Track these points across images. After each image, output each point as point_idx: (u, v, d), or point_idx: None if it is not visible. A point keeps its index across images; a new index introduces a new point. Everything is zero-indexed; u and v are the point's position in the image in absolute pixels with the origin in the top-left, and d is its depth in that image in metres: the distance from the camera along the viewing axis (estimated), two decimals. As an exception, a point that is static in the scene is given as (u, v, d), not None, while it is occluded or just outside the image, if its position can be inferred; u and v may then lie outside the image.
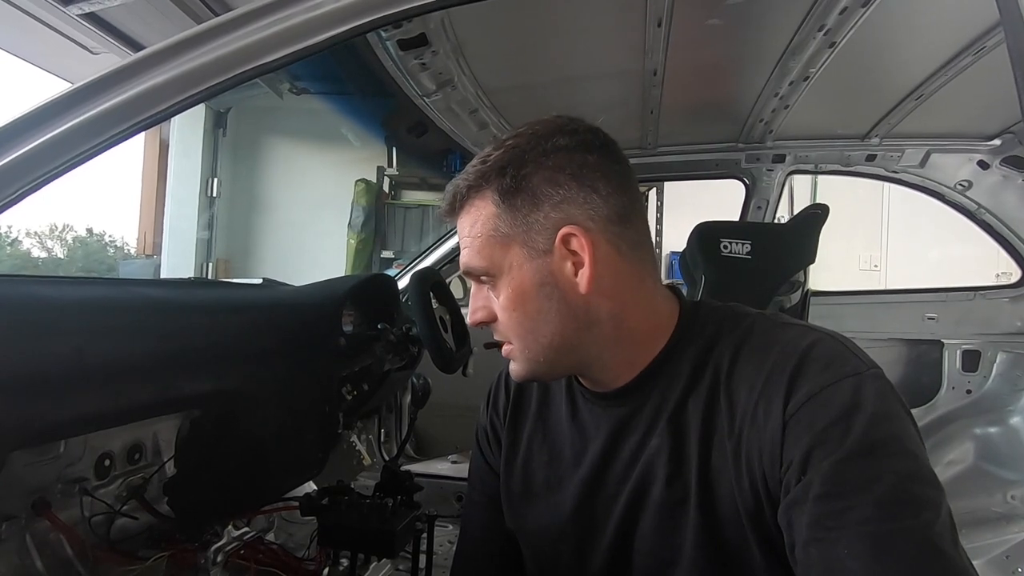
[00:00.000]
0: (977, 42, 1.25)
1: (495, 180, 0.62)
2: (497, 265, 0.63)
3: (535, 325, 0.63)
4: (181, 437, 0.93)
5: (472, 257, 0.64)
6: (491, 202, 0.62)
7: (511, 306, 0.63)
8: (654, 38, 1.26)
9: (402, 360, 1.33)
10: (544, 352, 0.64)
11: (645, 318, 0.65)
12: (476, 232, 0.63)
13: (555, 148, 0.62)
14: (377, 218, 3.76)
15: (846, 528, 0.50)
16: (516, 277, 0.62)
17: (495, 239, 0.62)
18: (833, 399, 0.54)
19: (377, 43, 1.14)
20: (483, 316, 0.66)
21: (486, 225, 0.62)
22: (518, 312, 0.63)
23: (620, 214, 0.62)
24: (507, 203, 0.62)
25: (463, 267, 0.65)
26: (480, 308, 0.66)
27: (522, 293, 0.62)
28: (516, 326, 0.64)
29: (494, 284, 0.64)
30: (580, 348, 0.64)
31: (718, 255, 1.62)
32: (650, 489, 0.63)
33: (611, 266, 0.62)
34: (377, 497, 1.14)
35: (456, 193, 0.64)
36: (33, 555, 0.78)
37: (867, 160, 1.92)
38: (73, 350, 0.69)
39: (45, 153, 0.68)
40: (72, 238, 3.99)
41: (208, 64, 0.72)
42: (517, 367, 0.66)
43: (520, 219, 0.62)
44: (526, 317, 0.63)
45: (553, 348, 0.64)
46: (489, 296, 0.65)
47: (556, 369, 0.67)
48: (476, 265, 0.64)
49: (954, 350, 1.91)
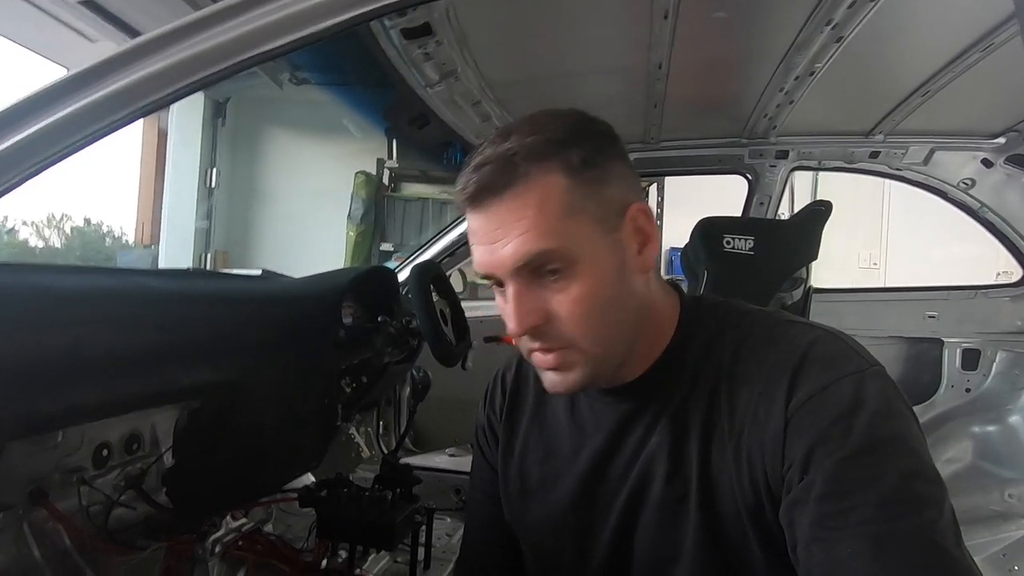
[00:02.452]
0: (986, 38, 1.24)
1: (563, 152, 0.55)
2: (574, 246, 0.55)
3: (612, 314, 0.57)
4: (179, 428, 0.93)
5: (544, 239, 0.54)
6: (560, 175, 0.55)
7: (588, 294, 0.56)
8: (660, 31, 1.25)
9: (402, 353, 1.32)
10: (613, 345, 0.59)
11: (664, 308, 0.65)
12: (548, 209, 0.54)
13: (602, 129, 0.60)
14: (377, 210, 3.75)
15: (848, 527, 0.49)
16: (595, 261, 0.56)
17: (569, 217, 0.55)
18: (835, 397, 0.54)
19: (380, 32, 1.12)
20: (537, 319, 0.56)
21: (560, 201, 0.54)
22: (595, 301, 0.56)
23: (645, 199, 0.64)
24: (579, 177, 0.55)
25: (525, 255, 0.54)
26: (532, 312, 0.55)
27: (603, 276, 0.56)
28: (590, 318, 0.56)
29: (566, 272, 0.55)
30: (630, 339, 0.61)
31: (721, 250, 1.61)
32: (650, 486, 0.63)
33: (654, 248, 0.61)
34: (376, 490, 1.14)
35: (510, 164, 0.54)
36: (31, 545, 0.77)
37: (871, 157, 1.91)
38: (71, 340, 0.68)
39: (42, 140, 0.67)
40: (70, 228, 3.97)
41: (207, 51, 0.71)
42: (575, 376, 0.58)
43: (592, 194, 0.56)
44: (604, 306, 0.57)
45: (624, 339, 0.59)
46: (543, 295, 0.56)
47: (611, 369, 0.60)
48: (551, 247, 0.54)
49: (954, 348, 1.91)
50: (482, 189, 0.55)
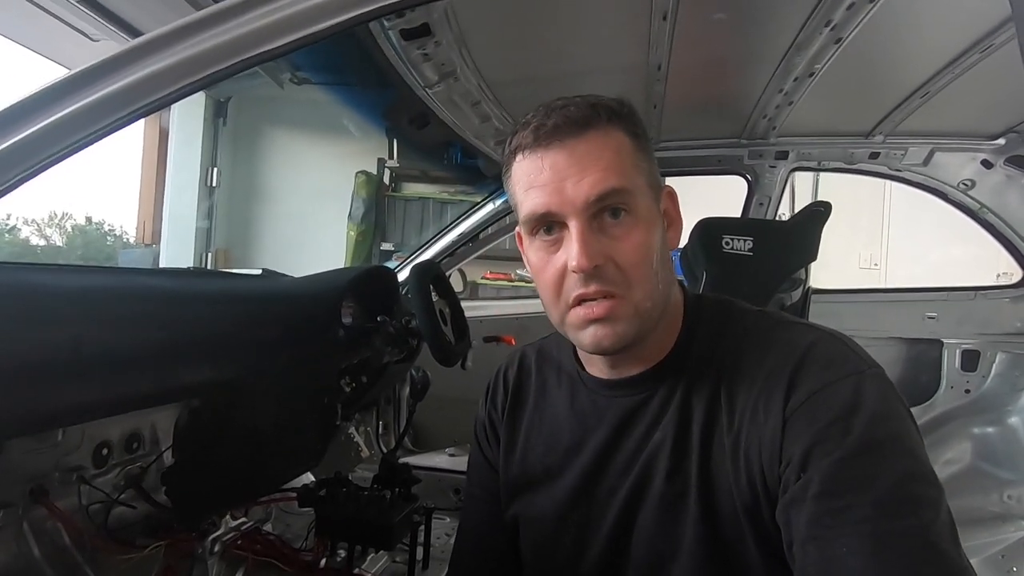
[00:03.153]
0: (984, 40, 1.24)
1: (629, 122, 0.62)
2: (639, 195, 0.60)
3: (657, 270, 0.60)
4: (179, 427, 0.93)
5: (621, 178, 0.58)
6: (629, 137, 0.61)
7: (644, 247, 0.59)
8: (659, 32, 1.25)
9: (401, 353, 1.32)
10: (657, 303, 0.61)
11: (675, 298, 0.66)
12: (621, 159, 0.59)
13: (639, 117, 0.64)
14: (377, 210, 3.75)
15: (845, 526, 0.50)
16: (647, 219, 0.61)
17: (636, 170, 0.60)
18: (834, 398, 0.54)
19: (379, 32, 1.12)
20: (603, 259, 0.58)
21: (630, 155, 0.60)
22: (648, 254, 0.60)
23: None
24: (640, 145, 0.62)
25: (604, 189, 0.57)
26: (599, 252, 0.58)
27: (651, 233, 0.60)
28: (644, 266, 0.59)
29: (629, 217, 0.59)
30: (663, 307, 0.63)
31: (720, 251, 1.61)
32: (651, 482, 0.63)
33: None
34: (375, 489, 1.15)
35: (593, 110, 0.59)
36: (30, 543, 0.78)
37: (870, 158, 1.91)
38: (71, 338, 0.69)
39: (43, 139, 0.67)
40: (71, 226, 3.97)
41: (208, 51, 0.71)
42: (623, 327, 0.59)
43: (647, 161, 0.62)
44: (652, 260, 0.60)
45: (662, 299, 0.62)
46: (603, 239, 0.58)
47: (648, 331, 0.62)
48: (627, 186, 0.58)
49: (954, 349, 1.91)
50: (568, 123, 0.59)
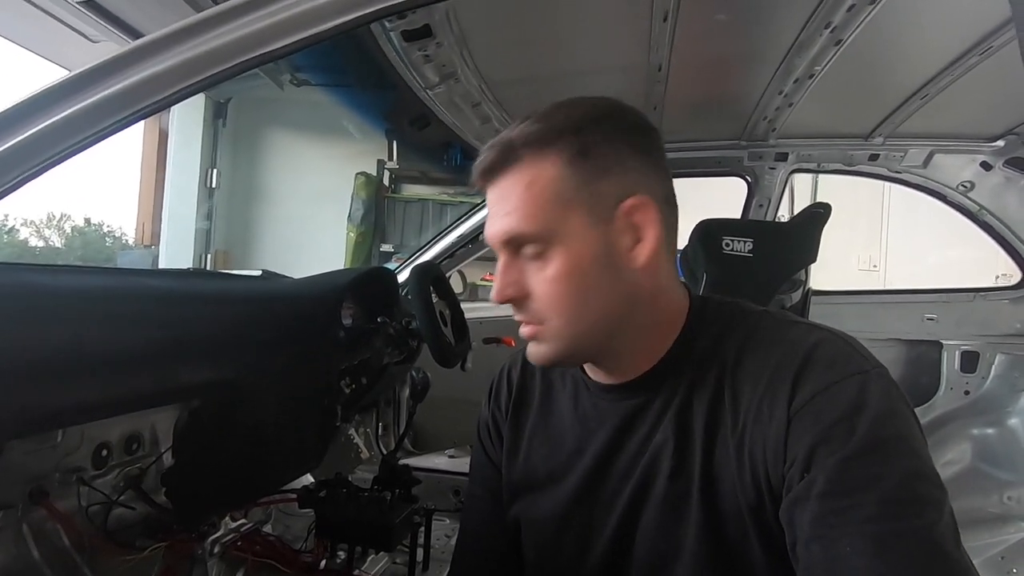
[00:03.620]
0: (984, 41, 1.24)
1: (561, 142, 0.58)
2: (552, 231, 0.58)
3: (585, 299, 0.59)
4: (179, 428, 0.93)
5: (523, 221, 0.58)
6: (554, 163, 0.58)
7: (562, 278, 0.59)
8: (659, 33, 1.25)
9: (401, 354, 1.32)
10: (586, 330, 0.61)
11: (670, 305, 0.65)
12: (534, 193, 0.58)
13: (623, 120, 0.62)
14: (377, 212, 3.75)
15: (849, 526, 0.50)
16: (574, 246, 0.58)
17: (556, 203, 0.58)
18: (838, 397, 0.54)
19: (381, 34, 1.13)
20: (514, 292, 0.60)
21: (547, 188, 0.58)
22: (568, 284, 0.59)
23: (668, 196, 0.63)
24: (574, 167, 0.58)
25: (505, 233, 0.59)
26: (511, 283, 0.60)
27: (578, 263, 0.58)
28: (562, 300, 0.59)
29: (542, 253, 0.59)
30: (618, 329, 0.62)
31: (720, 253, 1.61)
32: (654, 483, 0.63)
33: (660, 245, 0.61)
34: (375, 490, 1.14)
35: (508, 148, 0.59)
36: (30, 544, 0.77)
37: (870, 160, 1.91)
38: (72, 338, 0.69)
39: (43, 140, 0.67)
40: (70, 227, 3.97)
41: (208, 53, 0.71)
42: (545, 348, 0.62)
43: (586, 184, 0.58)
44: (576, 291, 0.59)
45: (598, 327, 0.61)
46: (525, 271, 0.60)
47: (586, 351, 0.64)
48: (528, 230, 0.58)
49: (953, 351, 1.91)
50: (484, 169, 0.61)
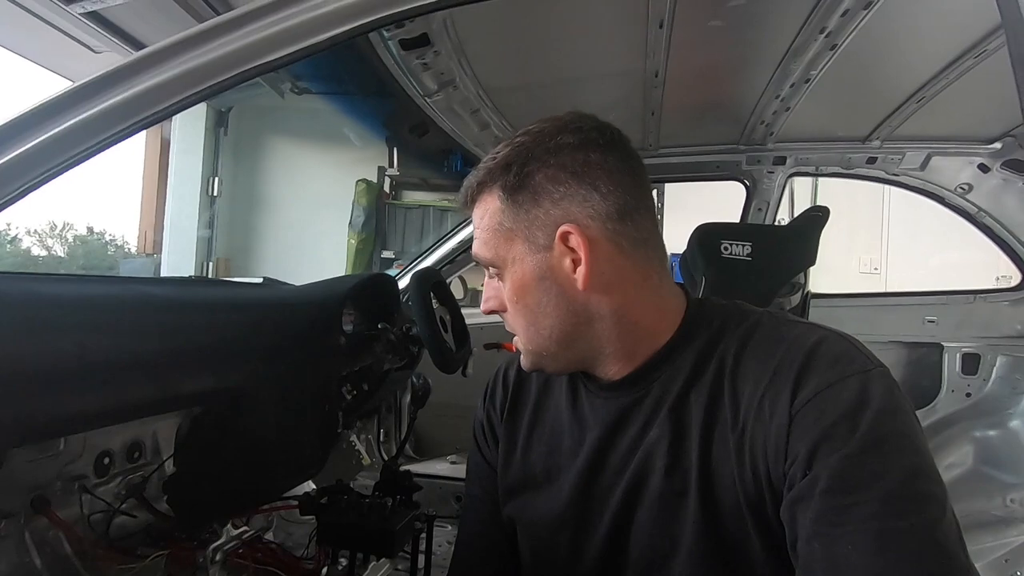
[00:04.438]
0: (978, 45, 1.25)
1: (500, 177, 0.64)
2: (501, 257, 0.65)
3: (536, 318, 0.65)
4: (181, 435, 0.93)
5: (480, 248, 0.67)
6: (497, 197, 0.65)
7: (514, 298, 0.66)
8: (655, 39, 1.26)
9: (402, 360, 1.32)
10: (545, 344, 0.66)
11: (649, 314, 0.65)
12: (484, 225, 0.66)
13: (559, 146, 0.63)
14: (378, 218, 3.77)
15: (851, 523, 0.50)
16: (518, 270, 0.64)
17: (500, 233, 0.65)
18: (840, 395, 0.54)
19: (379, 43, 1.14)
20: (494, 305, 0.68)
21: (492, 219, 0.65)
22: (520, 304, 0.65)
23: (621, 211, 0.62)
24: (511, 199, 0.64)
25: (473, 256, 0.69)
26: (492, 297, 0.68)
27: (523, 286, 0.65)
28: (519, 317, 0.66)
29: (500, 275, 0.67)
30: (581, 341, 0.65)
31: (718, 256, 1.62)
32: (648, 480, 0.63)
33: (611, 263, 0.62)
34: (376, 497, 1.14)
35: (468, 188, 0.68)
36: (32, 553, 0.78)
37: (868, 163, 1.92)
38: (74, 347, 0.69)
39: (46, 151, 0.68)
40: (73, 236, 3.99)
41: (209, 63, 0.72)
42: (523, 357, 0.69)
43: (522, 215, 0.63)
44: (527, 309, 0.65)
45: (553, 341, 0.65)
46: (499, 287, 0.67)
47: (559, 362, 0.68)
48: (483, 256, 0.67)
49: (954, 353, 1.91)
50: (461, 201, 0.69)
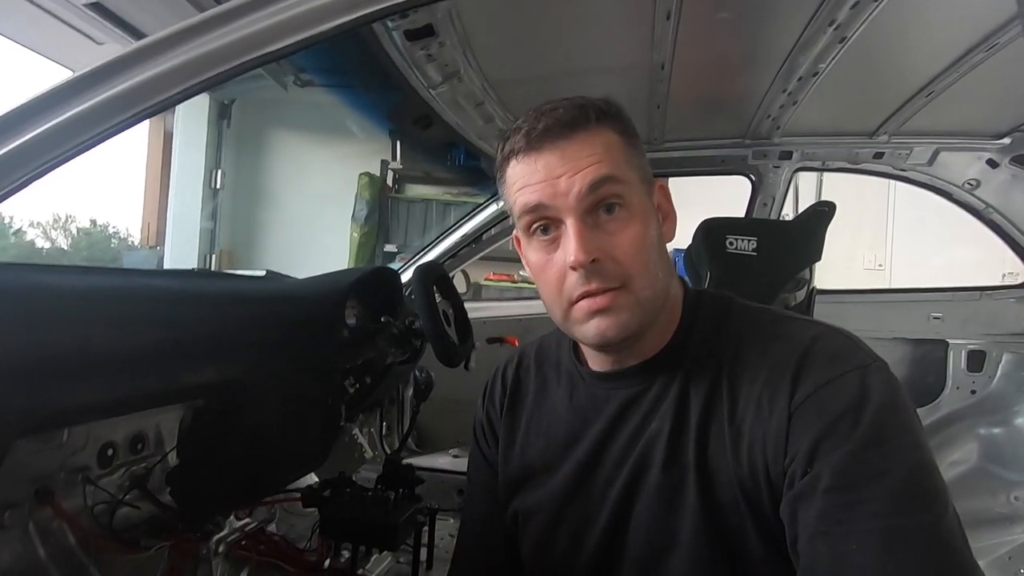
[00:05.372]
0: (990, 38, 1.23)
1: (617, 120, 0.63)
2: (633, 187, 0.62)
3: (656, 261, 0.62)
4: (184, 427, 0.93)
5: (616, 168, 0.60)
6: (618, 134, 0.63)
7: (641, 238, 0.60)
8: (662, 32, 1.25)
9: (404, 353, 1.32)
10: (658, 293, 0.62)
11: (674, 293, 0.67)
12: (613, 154, 0.61)
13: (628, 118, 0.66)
14: (380, 211, 3.76)
15: (857, 522, 0.49)
16: (642, 211, 0.62)
17: (628, 164, 0.62)
18: (840, 391, 0.54)
19: (383, 33, 1.13)
20: (601, 254, 0.59)
21: (621, 151, 0.62)
22: (646, 245, 0.61)
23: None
24: (630, 141, 0.64)
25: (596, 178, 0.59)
26: (596, 247, 0.59)
27: (647, 226, 0.62)
28: (643, 259, 0.60)
29: (624, 210, 0.60)
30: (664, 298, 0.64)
31: (723, 252, 1.60)
32: (647, 473, 0.63)
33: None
34: (379, 490, 1.15)
35: (583, 109, 0.61)
36: (36, 543, 0.78)
37: (875, 158, 1.90)
38: (78, 339, 0.69)
39: (49, 141, 0.68)
40: (76, 228, 3.99)
41: (210, 53, 0.71)
42: (626, 316, 0.60)
43: (638, 156, 0.64)
44: (650, 251, 0.61)
45: (662, 291, 0.63)
46: (600, 235, 0.59)
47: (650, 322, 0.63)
48: (619, 175, 0.60)
49: (959, 350, 1.90)
50: (558, 125, 0.60)
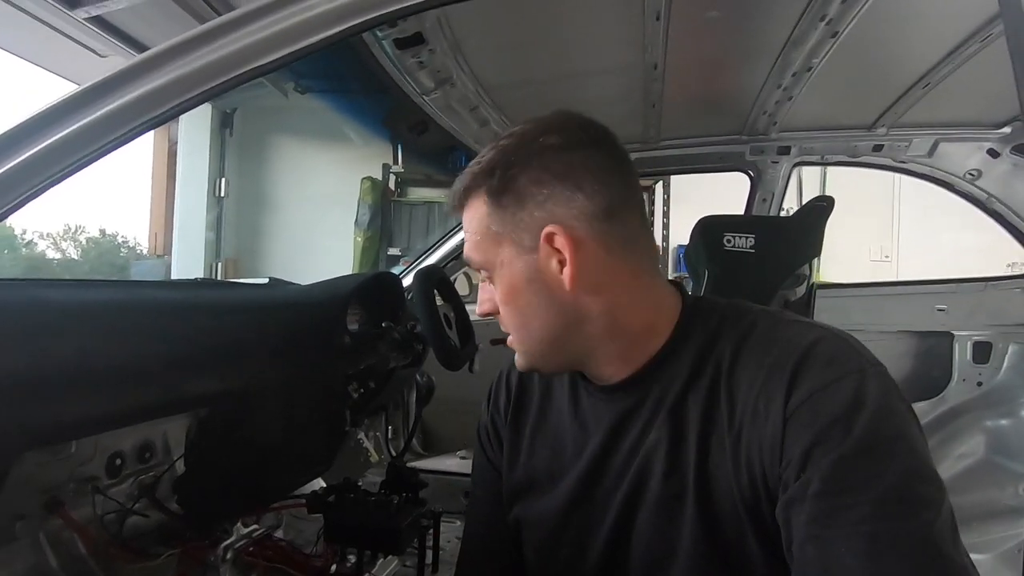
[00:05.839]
0: (983, 29, 1.23)
1: (485, 181, 0.64)
2: (490, 261, 0.66)
3: (526, 319, 0.66)
4: (189, 437, 0.94)
5: (470, 251, 0.68)
6: (483, 202, 0.65)
7: (505, 300, 0.66)
8: (653, 32, 1.25)
9: (407, 358, 1.33)
10: (537, 345, 0.67)
11: (640, 313, 0.65)
12: (472, 229, 0.66)
13: (542, 147, 0.62)
14: (383, 216, 3.78)
15: (844, 526, 0.50)
16: (507, 273, 0.65)
17: (488, 236, 0.65)
18: (835, 396, 0.54)
19: (374, 43, 1.14)
20: (488, 308, 0.69)
21: (481, 223, 0.65)
22: (511, 306, 0.66)
23: (608, 211, 0.62)
24: (496, 202, 0.64)
25: (465, 259, 0.70)
26: (486, 300, 0.69)
27: (512, 288, 0.65)
28: (511, 319, 0.67)
29: (491, 278, 0.67)
30: (572, 343, 0.65)
31: (721, 249, 1.61)
32: (648, 483, 0.63)
33: (599, 263, 0.62)
34: (383, 494, 1.15)
35: (455, 194, 0.68)
36: (47, 553, 0.79)
37: (874, 150, 1.90)
38: (79, 352, 0.70)
39: (55, 153, 0.69)
40: (85, 239, 4.04)
41: (211, 63, 0.73)
42: (517, 358, 0.70)
43: (508, 218, 0.63)
44: (518, 311, 0.66)
45: (545, 342, 0.66)
46: (492, 289, 0.68)
47: (552, 362, 0.69)
48: (474, 259, 0.68)
49: (964, 342, 1.89)
50: (451, 206, 0.70)
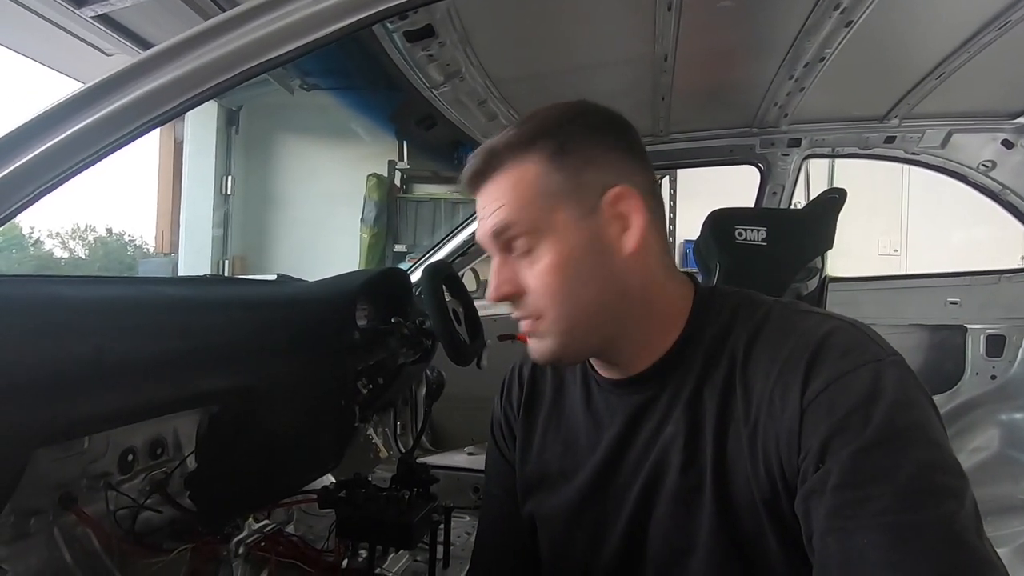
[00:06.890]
0: (1001, 16, 1.21)
1: (541, 142, 0.62)
2: (542, 225, 0.61)
3: (578, 289, 0.61)
4: (200, 432, 0.95)
5: (512, 214, 0.61)
6: (537, 162, 0.61)
7: (553, 270, 0.61)
8: (664, 23, 1.24)
9: (416, 353, 1.33)
10: (582, 322, 0.62)
11: (666, 297, 0.65)
12: (519, 192, 0.61)
13: (597, 118, 0.64)
14: (389, 212, 3.78)
15: (865, 518, 0.49)
16: (563, 238, 0.61)
17: (542, 198, 0.61)
18: (852, 386, 0.53)
19: (384, 35, 1.13)
20: (510, 289, 0.63)
21: (533, 184, 0.61)
22: (560, 276, 0.61)
23: (652, 189, 0.64)
24: (556, 163, 0.61)
25: (494, 226, 0.62)
26: (506, 281, 0.63)
27: (568, 254, 0.61)
28: (555, 292, 0.61)
29: (532, 248, 0.61)
30: (611, 321, 0.63)
31: (733, 242, 1.59)
32: (664, 477, 0.63)
33: (647, 235, 0.62)
34: (393, 489, 1.15)
35: (492, 153, 0.63)
36: (61, 548, 0.79)
37: (886, 142, 1.88)
38: (92, 349, 0.70)
39: (62, 152, 0.68)
40: (93, 238, 4.06)
41: (217, 60, 0.72)
42: (545, 344, 0.63)
43: (569, 178, 0.61)
44: (568, 281, 0.61)
45: (590, 316, 0.62)
46: (517, 268, 0.63)
47: (585, 345, 0.64)
48: (516, 221, 0.61)
49: (978, 335, 1.87)
50: (471, 176, 0.65)
